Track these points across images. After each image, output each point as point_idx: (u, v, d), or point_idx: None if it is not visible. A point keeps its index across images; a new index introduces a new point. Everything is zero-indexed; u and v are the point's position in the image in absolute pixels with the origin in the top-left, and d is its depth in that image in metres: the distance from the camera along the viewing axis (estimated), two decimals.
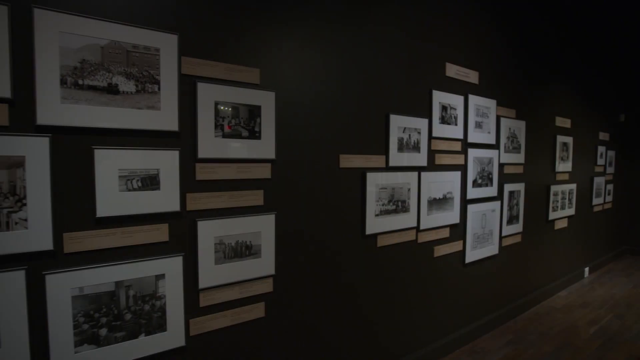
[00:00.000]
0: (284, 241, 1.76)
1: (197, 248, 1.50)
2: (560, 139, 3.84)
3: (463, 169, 2.69)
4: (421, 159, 2.35)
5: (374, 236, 2.13)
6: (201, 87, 1.48)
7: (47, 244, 1.22)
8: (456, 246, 2.68)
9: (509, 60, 3.08)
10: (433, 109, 2.41)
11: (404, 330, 2.36)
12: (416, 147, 2.31)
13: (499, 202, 3.04)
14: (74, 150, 1.26)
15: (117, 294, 1.35)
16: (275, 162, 1.70)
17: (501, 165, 3.05)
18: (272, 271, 1.71)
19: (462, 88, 2.65)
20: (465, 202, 2.73)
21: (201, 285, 1.52)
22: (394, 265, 2.26)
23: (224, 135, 1.54)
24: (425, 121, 2.36)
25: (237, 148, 1.57)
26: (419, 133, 2.32)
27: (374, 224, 2.10)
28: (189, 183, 1.47)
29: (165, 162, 1.41)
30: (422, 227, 2.39)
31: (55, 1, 1.22)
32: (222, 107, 1.53)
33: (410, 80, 2.28)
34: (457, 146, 2.62)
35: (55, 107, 1.22)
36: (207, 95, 1.50)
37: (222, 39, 1.54)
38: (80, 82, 1.25)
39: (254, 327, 1.69)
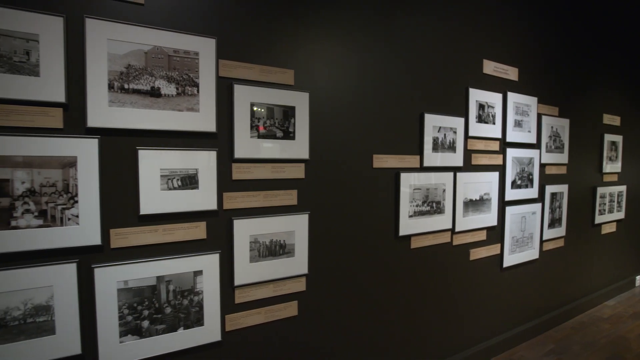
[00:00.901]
0: (317, 241, 1.77)
1: (233, 246, 1.54)
2: (608, 137, 3.60)
3: (501, 169, 2.59)
4: (457, 159, 2.28)
5: (408, 237, 2.10)
6: (237, 89, 1.51)
7: (95, 239, 1.30)
8: (493, 249, 2.58)
9: (552, 54, 2.93)
10: (469, 107, 2.34)
11: (437, 334, 2.30)
12: (452, 147, 2.25)
13: (539, 204, 2.90)
14: (119, 151, 1.33)
15: (158, 288, 1.41)
16: (308, 162, 1.71)
17: (542, 166, 2.91)
18: (305, 270, 1.72)
19: (500, 85, 2.55)
20: (503, 203, 2.62)
21: (237, 282, 1.55)
22: (428, 267, 2.21)
23: (259, 136, 1.57)
24: (461, 120, 2.29)
25: (272, 148, 1.60)
26: (455, 132, 2.26)
27: (407, 225, 2.07)
28: (225, 182, 1.52)
29: (204, 162, 1.46)
30: (457, 229, 2.32)
31: (104, 11, 1.29)
32: (257, 108, 1.56)
33: (445, 79, 2.22)
34: (495, 146, 2.53)
35: (103, 110, 1.29)
36: (243, 97, 1.53)
37: (257, 41, 1.57)
38: (125, 86, 1.32)
39: (287, 326, 1.71)
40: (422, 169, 2.13)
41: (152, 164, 1.37)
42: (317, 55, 1.73)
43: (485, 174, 2.47)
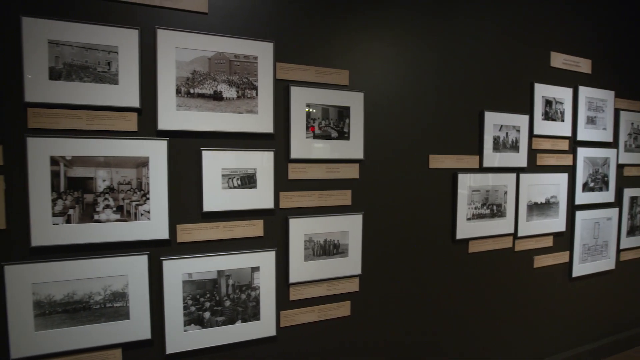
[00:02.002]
0: (371, 242, 1.75)
1: (289, 244, 1.57)
2: None
3: (571, 170, 2.38)
4: (520, 159, 2.14)
5: (465, 241, 2.01)
6: (294, 90, 1.55)
7: (164, 234, 1.40)
8: (561, 257, 2.38)
9: (631, 43, 2.64)
10: (535, 104, 2.18)
11: (496, 345, 2.18)
12: (514, 147, 2.12)
13: (616, 210, 2.62)
14: (185, 152, 1.42)
15: (219, 282, 1.48)
16: (363, 163, 1.70)
17: (620, 167, 2.63)
18: (358, 271, 1.71)
19: (570, 79, 2.35)
20: (573, 207, 2.41)
21: (291, 279, 1.59)
22: (487, 273, 2.10)
23: (314, 136, 1.59)
24: (526, 118, 2.14)
25: (327, 148, 1.62)
26: (518, 131, 2.12)
27: (465, 229, 1.98)
28: (282, 182, 1.56)
29: (261, 163, 1.51)
30: (520, 233, 2.18)
31: (173, 21, 1.39)
32: (312, 109, 1.59)
33: (508, 74, 2.09)
34: (564, 145, 2.33)
35: (171, 114, 1.39)
36: (299, 98, 1.56)
37: (312, 43, 1.60)
38: (191, 90, 1.41)
39: (339, 325, 1.72)
40: (482, 169, 2.03)
41: (214, 163, 1.44)
42: (372, 54, 1.71)
43: (553, 176, 2.29)
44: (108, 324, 1.35)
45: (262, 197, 1.52)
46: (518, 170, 2.15)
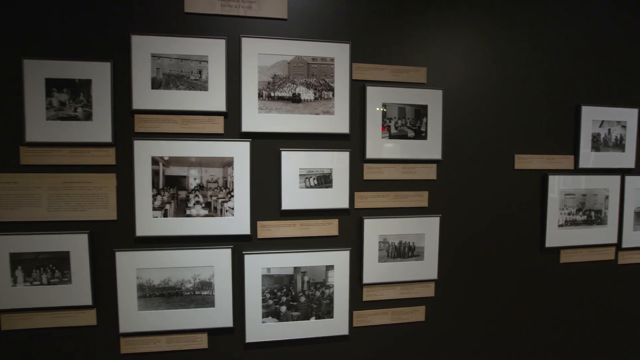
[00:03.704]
0: (449, 246, 1.67)
1: (363, 244, 1.57)
2: None
3: None
4: (626, 160, 1.87)
5: (556, 250, 1.82)
6: (370, 90, 1.54)
7: (245, 229, 1.49)
8: None
9: None
10: None
11: None
12: (618, 145, 1.86)
13: None
14: (266, 152, 1.49)
15: (295, 278, 1.54)
16: (441, 163, 1.63)
17: None
18: (434, 275, 1.65)
19: None
20: None
21: (365, 280, 1.59)
22: (583, 287, 1.88)
23: (390, 136, 1.57)
24: (634, 112, 1.87)
25: (403, 148, 1.58)
26: (624, 127, 1.86)
27: (556, 236, 1.79)
28: (357, 182, 1.56)
29: (337, 163, 1.53)
30: (624, 244, 1.91)
31: (255, 29, 1.47)
32: (388, 109, 1.56)
33: (609, 61, 1.84)
34: None
35: (254, 117, 1.47)
36: (375, 98, 1.55)
37: (388, 42, 1.58)
38: (272, 94, 1.48)
39: (412, 330, 1.67)
40: (577, 170, 1.81)
41: (292, 163, 1.50)
42: (451, 49, 1.63)
43: None
44: (196, 310, 1.47)
45: (337, 196, 1.54)
46: (623, 172, 1.88)
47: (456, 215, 1.67)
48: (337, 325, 1.59)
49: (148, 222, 1.43)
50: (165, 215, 1.44)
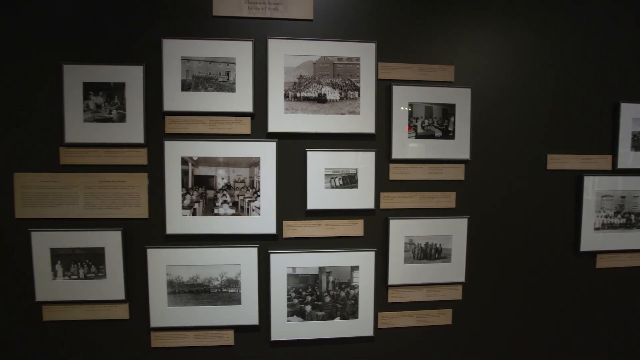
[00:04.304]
0: (477, 248, 1.63)
1: (388, 245, 1.56)
2: None
3: None
4: None
5: (592, 254, 1.74)
6: (396, 90, 1.53)
7: (271, 229, 1.50)
8: None
9: None
10: None
11: None
12: None
13: None
14: (292, 152, 1.51)
15: (320, 278, 1.54)
16: (469, 163, 1.59)
17: None
18: (462, 278, 1.61)
19: None
20: None
21: (390, 281, 1.57)
22: (621, 294, 1.78)
23: (417, 136, 1.55)
24: None
25: (429, 148, 1.55)
26: None
27: (592, 240, 1.71)
28: (382, 182, 1.55)
29: (363, 163, 1.52)
30: None
31: (281, 30, 1.48)
32: (415, 108, 1.54)
33: None
34: None
35: (280, 117, 1.48)
36: (401, 97, 1.53)
37: (415, 41, 1.55)
38: (297, 94, 1.49)
39: (439, 333, 1.64)
40: (615, 171, 1.73)
41: (317, 164, 1.50)
42: (480, 47, 1.59)
43: None
44: (223, 307, 1.50)
45: (362, 197, 1.53)
46: None
47: (485, 216, 1.63)
48: (361, 326, 1.58)
49: (178, 221, 1.47)
50: (194, 214, 1.47)
